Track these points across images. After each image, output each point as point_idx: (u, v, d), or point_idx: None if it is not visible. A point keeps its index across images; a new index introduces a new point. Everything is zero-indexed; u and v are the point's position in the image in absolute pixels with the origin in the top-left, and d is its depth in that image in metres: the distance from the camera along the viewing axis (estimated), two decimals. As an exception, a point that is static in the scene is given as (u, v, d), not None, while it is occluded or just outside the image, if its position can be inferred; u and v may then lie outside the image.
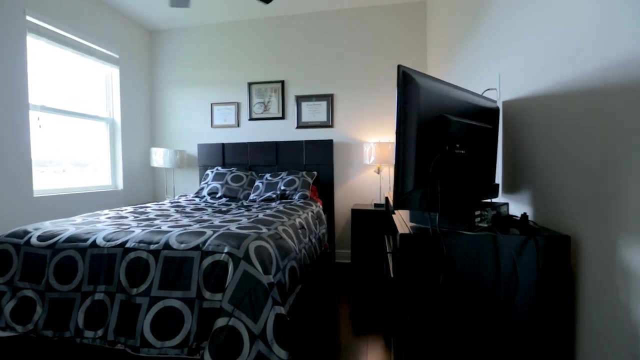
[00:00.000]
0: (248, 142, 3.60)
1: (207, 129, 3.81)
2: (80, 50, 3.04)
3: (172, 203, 2.80)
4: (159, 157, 3.53)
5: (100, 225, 1.76)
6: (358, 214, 3.06)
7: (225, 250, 1.38)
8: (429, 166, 0.96)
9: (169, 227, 1.70)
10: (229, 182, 3.26)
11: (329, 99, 3.50)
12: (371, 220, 3.03)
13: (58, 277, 1.52)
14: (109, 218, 2.01)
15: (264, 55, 3.65)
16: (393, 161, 3.04)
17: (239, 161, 3.61)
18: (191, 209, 2.50)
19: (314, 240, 2.40)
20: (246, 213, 2.25)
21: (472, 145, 1.12)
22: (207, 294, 1.33)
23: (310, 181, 3.21)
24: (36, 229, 1.71)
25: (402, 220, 1.12)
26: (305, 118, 3.56)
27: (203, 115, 3.82)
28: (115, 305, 1.42)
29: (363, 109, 3.45)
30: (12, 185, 2.48)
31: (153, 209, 2.42)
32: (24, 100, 2.56)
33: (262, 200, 3.01)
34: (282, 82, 3.59)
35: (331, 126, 3.51)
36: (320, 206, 3.06)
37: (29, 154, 2.60)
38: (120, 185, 3.52)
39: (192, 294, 1.35)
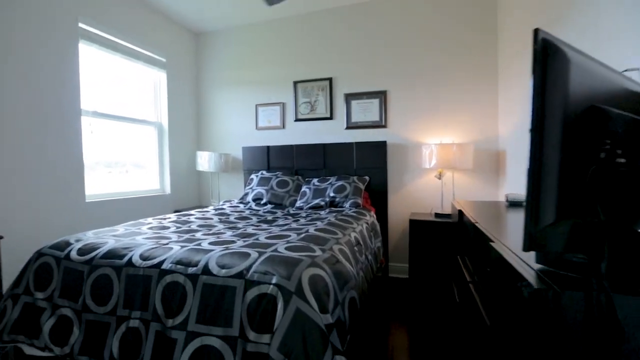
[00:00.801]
0: (294, 145, 3.38)
1: (251, 131, 3.67)
2: (129, 55, 3.04)
3: (216, 210, 2.65)
4: (204, 161, 3.45)
5: (139, 239, 1.61)
6: (417, 225, 2.69)
7: (274, 281, 1.12)
8: (579, 183, 0.62)
9: (209, 243, 1.50)
10: (274, 187, 3.06)
11: (381, 96, 3.16)
12: (432, 232, 2.64)
13: (94, 297, 1.38)
14: (150, 229, 1.87)
15: (311, 51, 3.41)
16: (458, 165, 2.63)
17: (285, 165, 3.41)
18: (235, 218, 2.32)
19: (370, 257, 2.09)
20: (294, 225, 2.01)
21: (638, 151, 0.74)
22: (251, 335, 1.09)
23: (362, 187, 2.90)
24: (77, 241, 1.61)
25: (514, 255, 0.77)
26: (355, 118, 3.26)
27: (247, 117, 3.68)
28: (150, 335, 1.23)
29: (421, 107, 3.06)
30: (65, 190, 2.49)
31: (196, 218, 2.27)
32: (76, 106, 2.56)
33: (310, 208, 2.76)
34: (330, 80, 3.33)
35: (384, 126, 3.17)
36: (374, 215, 2.73)
37: (82, 159, 2.60)
38: (167, 189, 3.49)
39: (235, 332, 1.11)
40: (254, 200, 3.02)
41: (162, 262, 1.31)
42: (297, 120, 3.47)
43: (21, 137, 2.22)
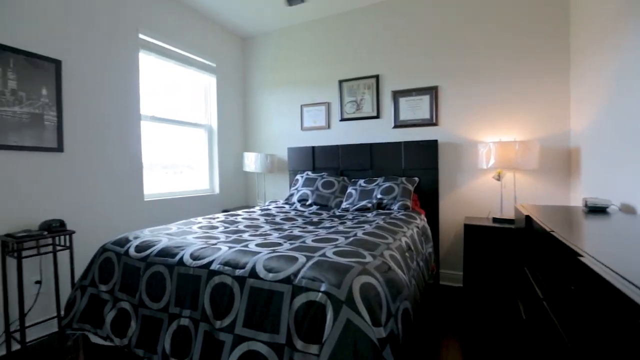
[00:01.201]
0: (339, 145, 3.31)
1: (296, 132, 3.67)
2: (183, 61, 3.19)
3: (262, 210, 2.68)
4: (251, 162, 3.52)
5: (190, 238, 1.65)
6: (473, 231, 2.47)
7: (323, 289, 1.06)
8: None
9: (257, 245, 1.48)
10: (320, 188, 3.02)
11: (432, 92, 2.97)
12: (490, 239, 2.41)
13: (149, 293, 1.43)
14: (200, 228, 1.92)
15: (356, 49, 3.32)
16: (521, 165, 2.37)
17: (330, 165, 3.36)
18: (281, 219, 2.31)
19: (421, 264, 1.95)
20: (341, 228, 1.93)
21: None
22: (299, 344, 1.03)
23: (412, 189, 2.74)
24: (136, 238, 1.69)
25: (619, 278, 0.62)
26: (403, 116, 3.10)
27: (293, 118, 3.69)
28: (199, 335, 1.24)
29: (477, 102, 2.82)
30: (127, 190, 2.67)
31: (243, 218, 2.30)
32: (136, 111, 2.74)
33: (356, 210, 2.67)
34: (377, 77, 3.21)
35: (435, 124, 2.97)
36: (425, 219, 2.57)
37: (141, 161, 2.78)
38: (216, 189, 3.62)
39: (281, 340, 1.07)
40: (299, 201, 3.00)
41: (210, 262, 1.32)
42: (342, 119, 3.40)
43: (91, 141, 2.42)
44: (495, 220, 2.55)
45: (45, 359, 1.91)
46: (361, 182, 2.94)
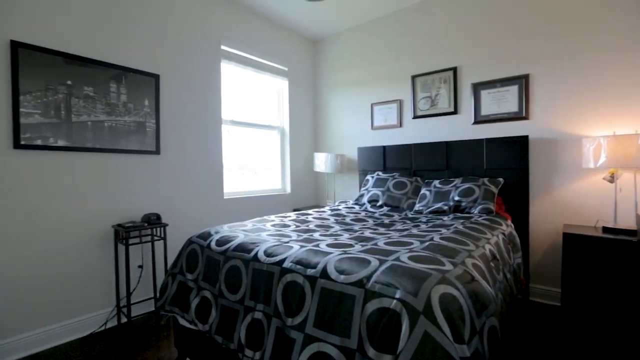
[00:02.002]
0: (412, 144, 3.15)
1: (367, 131, 3.60)
2: (258, 67, 3.39)
3: (332, 210, 2.68)
4: (321, 162, 3.56)
5: (264, 235, 1.72)
6: (575, 242, 2.10)
7: (397, 296, 0.99)
8: None
9: (327, 245, 1.47)
10: (391, 189, 2.90)
11: (521, 81, 2.62)
12: (599, 252, 2.02)
13: (227, 285, 1.52)
14: (273, 226, 1.99)
15: (431, 41, 3.11)
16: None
17: (402, 165, 3.21)
18: (351, 220, 2.27)
19: (508, 276, 1.72)
20: (415, 231, 1.82)
21: None
22: (370, 351, 0.98)
23: (495, 191, 2.46)
24: (216, 233, 1.83)
25: None
26: (485, 110, 2.80)
27: (363, 117, 3.63)
28: (272, 330, 1.27)
29: (580, 90, 2.40)
30: (210, 188, 2.93)
31: (314, 217, 2.32)
32: (218, 116, 2.99)
33: (430, 213, 2.50)
34: (454, 69, 2.96)
35: (525, 118, 2.62)
36: (512, 225, 2.28)
37: (221, 161, 3.02)
38: (288, 189, 3.75)
39: (352, 344, 1.03)
40: (369, 201, 2.93)
41: (283, 260, 1.34)
42: (415, 117, 3.22)
43: (181, 144, 2.72)
44: (606, 230, 2.14)
45: (145, 333, 2.19)
46: (436, 183, 2.74)
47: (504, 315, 1.34)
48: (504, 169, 2.63)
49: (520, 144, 2.55)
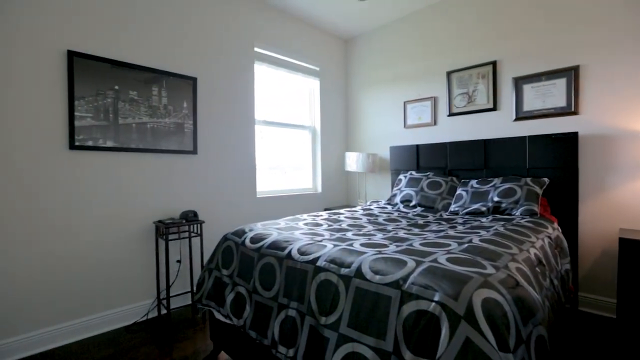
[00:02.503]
0: (447, 142, 3.03)
1: (399, 130, 3.53)
2: (290, 68, 3.42)
3: (364, 210, 2.64)
4: (352, 162, 3.54)
5: (297, 233, 1.73)
6: (634, 248, 1.92)
7: (436, 299, 0.95)
8: None
9: (361, 244, 1.45)
10: (425, 189, 2.82)
11: (570, 74, 2.44)
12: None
13: (261, 282, 1.55)
14: (306, 224, 2.00)
15: (468, 34, 2.98)
16: None
17: (436, 164, 3.11)
18: (384, 220, 2.23)
19: (556, 282, 1.61)
20: (452, 232, 1.75)
21: None
22: (407, 355, 0.95)
23: (540, 192, 2.30)
24: (250, 230, 1.87)
25: None
26: (528, 106, 2.64)
27: (395, 116, 3.56)
28: (305, 328, 1.27)
29: (638, 81, 2.19)
30: (243, 187, 3.01)
31: (346, 217, 2.31)
32: (251, 116, 3.06)
33: (467, 214, 2.39)
34: (494, 63, 2.81)
35: (574, 113, 2.43)
36: (558, 228, 2.12)
37: (254, 161, 3.09)
38: (319, 188, 3.76)
39: (388, 347, 1.00)
40: (402, 201, 2.87)
41: (317, 258, 1.34)
42: (450, 115, 3.11)
43: (216, 145, 2.81)
44: (670, 235, 1.93)
45: (183, 325, 2.29)
46: (473, 182, 2.62)
47: (551, 325, 1.25)
48: (548, 168, 2.46)
49: (569, 140, 2.37)
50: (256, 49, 3.10)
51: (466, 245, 1.40)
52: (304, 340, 1.26)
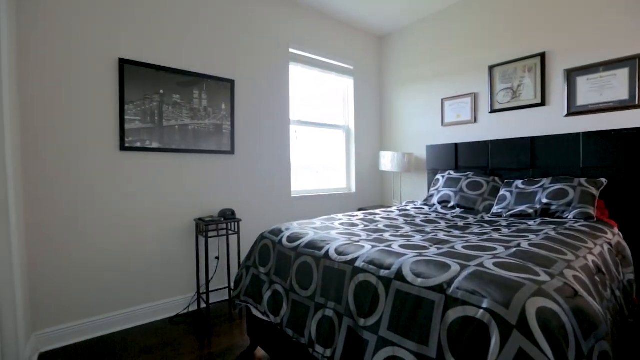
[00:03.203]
0: (489, 140, 2.88)
1: (436, 129, 3.40)
2: (324, 68, 3.43)
3: (400, 210, 2.58)
4: (387, 161, 3.47)
5: (333, 233, 1.72)
6: None
7: (485, 305, 0.90)
8: None
9: (400, 246, 1.41)
10: (464, 189, 2.70)
11: (634, 62, 2.22)
12: None
13: (298, 281, 1.56)
14: (341, 224, 1.99)
15: (512, 25, 2.81)
16: None
17: (477, 164, 2.96)
18: (421, 221, 2.16)
19: (617, 294, 1.46)
20: (496, 235, 1.65)
21: None
22: (453, 363, 0.91)
23: (596, 193, 2.12)
24: (287, 229, 1.89)
25: None
26: (583, 100, 2.44)
27: (432, 114, 3.44)
28: (343, 329, 1.26)
29: None
30: (279, 186, 3.06)
31: (382, 217, 2.26)
32: (286, 117, 3.10)
33: (512, 216, 2.26)
34: (542, 55, 2.63)
35: (638, 106, 2.20)
36: (620, 234, 1.94)
37: (289, 160, 3.13)
38: (353, 188, 3.73)
39: (431, 353, 0.96)
40: (439, 202, 2.76)
41: (355, 259, 1.33)
42: (493, 111, 2.95)
43: (253, 145, 2.88)
44: None
45: (221, 319, 2.37)
46: (518, 183, 2.47)
47: (615, 340, 1.14)
48: (606, 168, 2.25)
49: (633, 137, 2.15)
50: (291, 50, 3.14)
51: (514, 249, 1.31)
52: (341, 341, 1.24)
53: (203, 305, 2.56)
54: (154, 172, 2.36)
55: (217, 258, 2.66)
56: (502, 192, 2.50)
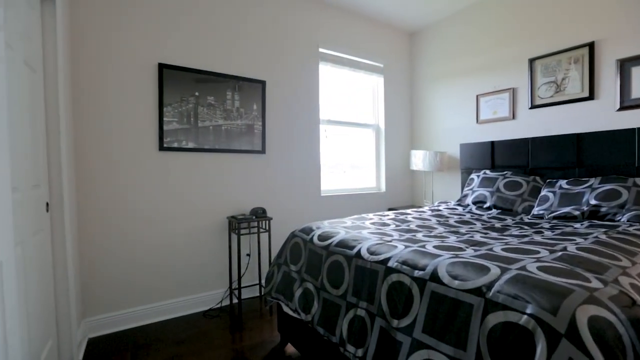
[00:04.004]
0: (529, 138, 2.73)
1: (471, 126, 3.27)
2: (353, 66, 3.40)
3: (432, 211, 2.51)
4: (418, 160, 3.38)
5: (365, 233, 1.71)
6: None
7: (529, 311, 0.85)
8: None
9: (434, 246, 1.37)
10: (502, 189, 2.57)
11: (697, 51, 2.00)
12: None
13: (330, 279, 1.56)
14: (372, 224, 1.97)
15: (555, 14, 2.63)
16: None
17: (514, 163, 2.81)
18: (455, 221, 2.08)
19: (680, 304, 1.32)
20: (538, 238, 1.56)
21: None
22: (494, 370, 0.86)
23: (654, 194, 1.94)
24: (318, 228, 1.89)
25: None
26: (638, 92, 2.24)
27: (466, 111, 3.31)
28: (375, 329, 1.24)
29: None
30: (309, 185, 3.08)
31: (413, 217, 2.21)
32: (316, 116, 3.11)
33: (555, 218, 2.12)
34: (590, 45, 2.44)
35: (703, 98, 1.99)
36: (682, 239, 1.75)
37: (319, 160, 3.14)
38: (383, 187, 3.68)
39: (469, 358, 0.92)
40: (474, 203, 2.65)
41: (387, 259, 1.31)
42: (533, 107, 2.78)
43: (283, 144, 2.92)
44: None
45: (253, 314, 2.42)
46: (562, 183, 2.31)
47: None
48: (666, 167, 2.05)
49: (695, 133, 1.95)
50: (321, 50, 3.14)
51: (560, 253, 1.23)
52: (373, 342, 1.23)
53: (235, 300, 2.63)
54: (189, 171, 2.46)
55: (249, 255, 2.73)
56: (543, 192, 2.35)
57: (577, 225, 1.90)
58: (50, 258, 1.62)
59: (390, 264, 1.27)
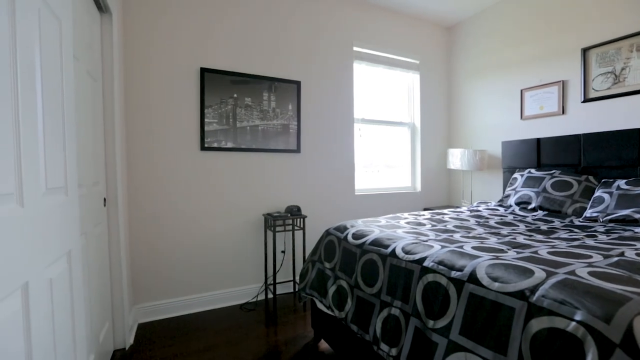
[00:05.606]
0: (581, 134, 2.53)
1: (514, 123, 3.09)
2: (388, 64, 3.35)
3: (470, 211, 2.41)
4: (456, 159, 3.26)
5: (399, 232, 1.69)
6: None
7: (578, 318, 0.80)
8: None
9: (472, 247, 1.33)
10: (549, 189, 2.41)
11: None
12: None
13: (363, 277, 1.56)
14: (407, 223, 1.94)
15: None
16: None
17: (563, 161, 2.62)
18: (496, 223, 1.99)
19: None
20: (591, 242, 1.45)
21: None
22: (538, 378, 0.82)
23: None
24: (352, 226, 1.90)
25: None
26: None
27: (509, 107, 3.14)
28: (410, 329, 1.23)
29: None
30: (343, 184, 3.09)
31: (450, 217, 2.14)
32: (350, 115, 3.11)
33: (612, 221, 1.95)
34: (655, 32, 2.21)
35: None
36: None
37: (353, 159, 3.14)
38: (418, 187, 3.59)
39: (511, 364, 0.89)
40: (517, 203, 2.51)
41: (423, 259, 1.28)
42: (586, 100, 2.57)
43: (317, 143, 2.95)
44: None
45: (287, 309, 2.48)
46: (621, 183, 2.12)
47: None
48: None
49: None
50: (355, 49, 3.14)
51: (616, 259, 1.14)
52: (408, 341, 1.22)
53: (270, 295, 2.71)
54: (228, 170, 2.57)
55: (283, 252, 2.79)
56: (598, 193, 2.17)
57: (638, 229, 1.74)
58: (106, 248, 1.78)
59: (425, 263, 1.25)
